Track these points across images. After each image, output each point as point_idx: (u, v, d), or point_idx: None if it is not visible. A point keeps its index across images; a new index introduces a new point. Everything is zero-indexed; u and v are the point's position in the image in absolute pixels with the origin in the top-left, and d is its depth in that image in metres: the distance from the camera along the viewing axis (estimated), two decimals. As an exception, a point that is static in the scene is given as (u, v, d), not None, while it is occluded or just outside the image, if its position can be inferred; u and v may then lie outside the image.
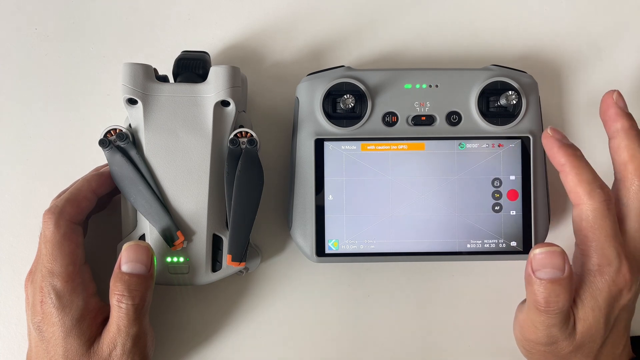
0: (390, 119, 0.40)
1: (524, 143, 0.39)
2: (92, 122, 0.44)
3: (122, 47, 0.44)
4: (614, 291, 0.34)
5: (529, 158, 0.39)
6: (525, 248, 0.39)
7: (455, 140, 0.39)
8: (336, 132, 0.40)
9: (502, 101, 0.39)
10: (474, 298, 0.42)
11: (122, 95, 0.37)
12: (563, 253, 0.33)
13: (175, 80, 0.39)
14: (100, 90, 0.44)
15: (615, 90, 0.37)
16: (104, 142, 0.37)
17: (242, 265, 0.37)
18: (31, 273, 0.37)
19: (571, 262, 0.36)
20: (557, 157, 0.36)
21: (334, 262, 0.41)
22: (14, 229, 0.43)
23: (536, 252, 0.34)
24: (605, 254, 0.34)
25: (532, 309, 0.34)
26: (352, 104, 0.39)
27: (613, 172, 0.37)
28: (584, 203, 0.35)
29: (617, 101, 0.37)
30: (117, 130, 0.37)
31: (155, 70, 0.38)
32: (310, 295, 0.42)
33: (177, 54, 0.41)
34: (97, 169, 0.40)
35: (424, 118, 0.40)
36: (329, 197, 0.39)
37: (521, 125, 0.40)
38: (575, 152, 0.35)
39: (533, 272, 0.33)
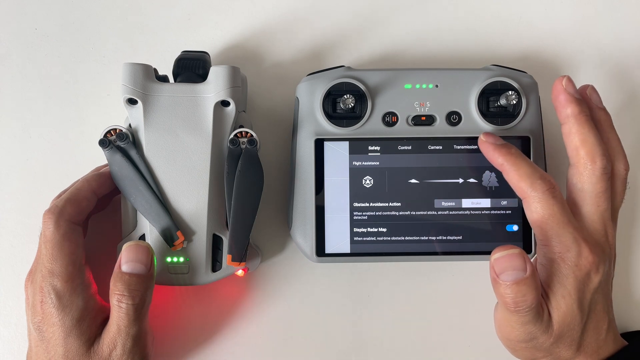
0: (390, 119, 0.40)
1: (524, 143, 0.39)
2: (92, 122, 0.44)
3: (122, 47, 0.44)
4: (579, 275, 0.34)
5: (529, 158, 0.39)
6: (525, 248, 0.39)
7: (455, 140, 0.39)
8: (336, 132, 0.40)
9: (502, 101, 0.39)
10: (474, 298, 0.42)
11: (122, 95, 0.37)
12: (522, 253, 0.34)
13: (175, 80, 0.39)
14: (100, 90, 0.44)
15: (565, 76, 0.37)
16: (104, 142, 0.37)
17: (242, 265, 0.37)
18: (31, 273, 0.37)
19: (536, 254, 0.37)
20: (495, 159, 0.37)
21: (334, 262, 0.41)
22: (14, 229, 0.43)
23: (495, 256, 0.34)
24: (562, 241, 0.35)
25: (504, 310, 0.35)
26: (352, 104, 0.39)
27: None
28: (528, 196, 0.35)
29: (567, 87, 0.37)
30: (117, 130, 0.37)
31: (155, 70, 0.38)
32: (310, 295, 0.42)
33: (177, 54, 0.41)
34: (97, 169, 0.40)
35: (424, 118, 0.40)
36: (328, 197, 0.39)
37: (521, 125, 0.40)
38: (510, 150, 0.36)
39: (497, 275, 0.34)
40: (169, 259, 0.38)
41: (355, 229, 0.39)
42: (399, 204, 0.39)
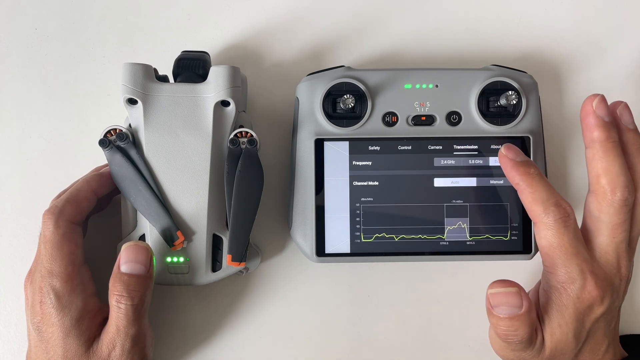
0: (390, 119, 0.40)
1: (524, 143, 0.39)
2: (92, 122, 0.44)
3: (122, 47, 0.44)
4: (580, 307, 0.34)
5: (529, 158, 0.39)
6: (525, 248, 0.39)
7: (455, 140, 0.39)
8: (336, 132, 0.40)
9: (502, 101, 0.39)
10: (474, 298, 0.42)
11: (122, 95, 0.37)
12: (519, 292, 0.33)
13: (175, 80, 0.39)
14: (100, 90, 0.44)
15: (597, 96, 0.35)
16: (104, 142, 0.37)
17: (242, 265, 0.37)
18: (31, 273, 0.37)
19: (541, 278, 0.36)
20: (512, 177, 0.36)
21: (334, 262, 0.41)
22: (14, 229, 0.43)
23: (492, 290, 0.34)
24: (567, 272, 0.34)
25: (495, 334, 0.35)
26: (352, 104, 0.39)
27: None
28: (540, 222, 0.34)
29: (597, 108, 0.35)
30: (117, 130, 0.37)
31: (155, 70, 0.38)
32: (310, 295, 0.42)
33: (177, 54, 0.41)
34: (97, 169, 0.40)
35: (424, 118, 0.40)
36: (328, 197, 0.39)
37: (521, 125, 0.40)
38: (528, 170, 0.35)
39: (492, 307, 0.34)
40: (169, 259, 0.38)
41: (355, 229, 0.39)
42: (399, 204, 0.39)
